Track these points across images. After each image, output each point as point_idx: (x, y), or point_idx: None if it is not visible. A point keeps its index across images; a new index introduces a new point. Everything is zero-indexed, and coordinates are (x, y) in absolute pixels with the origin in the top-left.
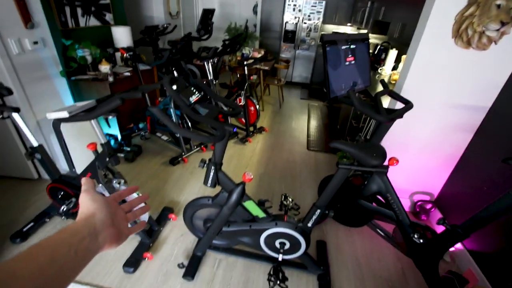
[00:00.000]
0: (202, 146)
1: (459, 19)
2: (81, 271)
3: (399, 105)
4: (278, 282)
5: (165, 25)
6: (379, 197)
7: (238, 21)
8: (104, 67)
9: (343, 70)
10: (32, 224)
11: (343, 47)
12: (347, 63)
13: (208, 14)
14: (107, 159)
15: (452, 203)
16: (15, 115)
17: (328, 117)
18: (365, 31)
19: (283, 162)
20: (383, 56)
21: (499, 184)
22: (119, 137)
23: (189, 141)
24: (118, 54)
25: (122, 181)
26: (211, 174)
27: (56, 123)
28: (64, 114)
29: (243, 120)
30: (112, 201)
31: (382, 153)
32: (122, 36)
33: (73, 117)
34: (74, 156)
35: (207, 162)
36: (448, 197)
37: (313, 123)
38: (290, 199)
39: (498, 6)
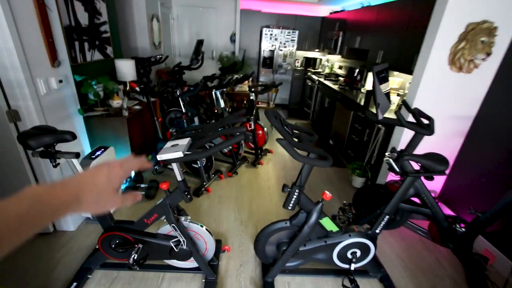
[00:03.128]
0: (220, 174)
1: (454, 51)
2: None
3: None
4: None
5: (159, 56)
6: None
7: (215, 49)
8: (117, 102)
9: (381, 95)
10: (75, 284)
11: (382, 75)
12: (382, 86)
13: (200, 44)
14: (183, 196)
15: (454, 197)
16: (74, 161)
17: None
18: (338, 56)
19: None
20: (358, 77)
21: (495, 174)
22: (133, 173)
23: (209, 171)
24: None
25: (189, 217)
26: (294, 196)
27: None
28: (179, 154)
29: (250, 144)
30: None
31: (446, 161)
32: (126, 69)
33: (187, 156)
34: None
35: (290, 186)
36: (450, 192)
37: None
38: (349, 211)
39: (482, 41)
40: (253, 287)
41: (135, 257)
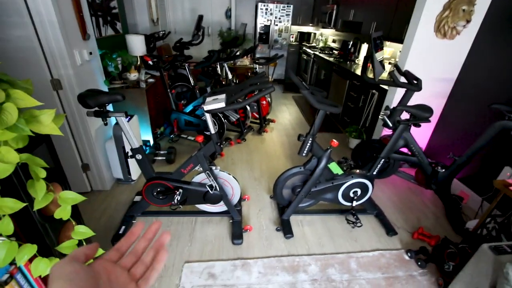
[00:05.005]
0: (230, 141)
1: (439, 19)
2: None
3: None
4: (357, 222)
5: (162, 32)
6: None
7: (210, 25)
8: (134, 75)
9: (377, 60)
10: (124, 227)
11: (378, 42)
12: (377, 54)
13: (201, 19)
14: (215, 147)
15: (437, 151)
16: (123, 119)
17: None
18: (332, 30)
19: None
20: (352, 50)
21: (473, 128)
22: (152, 142)
23: (221, 137)
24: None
25: (219, 167)
26: (308, 144)
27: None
28: (222, 105)
29: (255, 114)
30: (103, 269)
31: (430, 109)
32: (137, 44)
33: (227, 107)
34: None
35: (305, 135)
36: (434, 147)
37: (305, 110)
38: (349, 161)
39: (463, 10)
40: (272, 225)
41: (179, 199)
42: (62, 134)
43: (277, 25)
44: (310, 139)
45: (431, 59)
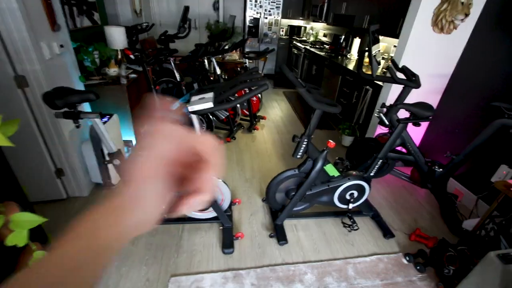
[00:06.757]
0: (227, 138)
1: (437, 12)
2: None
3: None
4: (353, 225)
5: (145, 24)
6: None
7: (197, 17)
8: (113, 70)
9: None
10: None
11: (375, 35)
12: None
13: (187, 11)
14: None
15: (431, 148)
16: (97, 120)
17: (300, 100)
18: (323, 24)
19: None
20: (344, 44)
21: (468, 125)
22: (134, 142)
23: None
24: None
25: None
26: (303, 145)
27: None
28: (209, 105)
29: (245, 111)
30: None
31: (432, 108)
32: (117, 36)
33: (216, 107)
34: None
35: (300, 136)
36: (429, 143)
37: (297, 106)
38: (346, 161)
39: (462, 3)
40: (265, 230)
41: None
42: (12, 145)
43: (266, 18)
44: (306, 140)
45: (427, 54)
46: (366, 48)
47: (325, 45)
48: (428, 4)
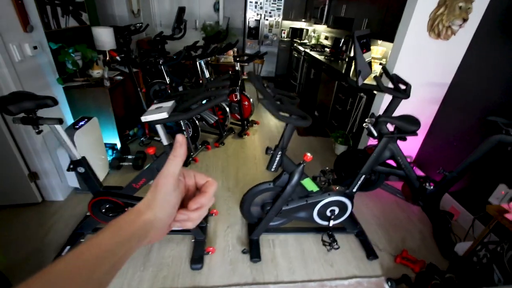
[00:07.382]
0: (207, 145)
1: (433, 17)
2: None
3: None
4: (333, 244)
5: (138, 25)
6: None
7: (198, 19)
8: (97, 72)
9: (362, 61)
10: (69, 247)
11: (363, 41)
12: (364, 55)
13: (181, 12)
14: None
15: (428, 161)
16: (58, 127)
17: (299, 106)
18: (324, 27)
19: None
20: (344, 48)
21: (466, 138)
22: (119, 146)
23: (196, 141)
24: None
25: None
26: (277, 158)
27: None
28: (163, 116)
29: (237, 115)
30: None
31: (417, 122)
32: (105, 37)
33: (171, 117)
34: None
35: (273, 148)
36: (425, 156)
37: None
38: (330, 173)
39: (460, 7)
40: (239, 245)
41: None
42: None
43: (267, 19)
44: (279, 153)
45: (423, 61)
46: (351, 55)
47: (326, 49)
48: (424, 7)
